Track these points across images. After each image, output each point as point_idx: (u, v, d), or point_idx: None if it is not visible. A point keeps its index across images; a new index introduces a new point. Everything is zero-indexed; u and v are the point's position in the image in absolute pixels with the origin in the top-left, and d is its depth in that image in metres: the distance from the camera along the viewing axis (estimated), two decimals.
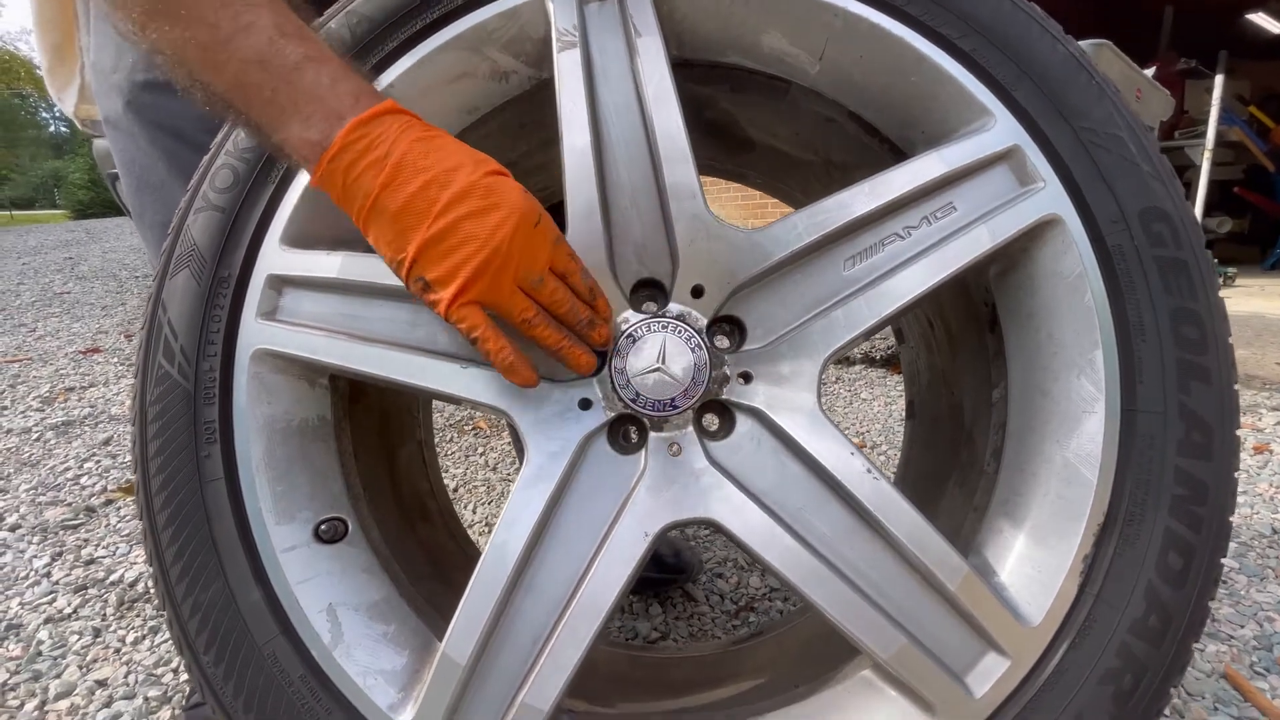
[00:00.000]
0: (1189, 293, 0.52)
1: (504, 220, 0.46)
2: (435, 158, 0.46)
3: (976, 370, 0.68)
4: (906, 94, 0.60)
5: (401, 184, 0.46)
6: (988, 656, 0.51)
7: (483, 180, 0.47)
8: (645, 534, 0.54)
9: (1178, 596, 0.49)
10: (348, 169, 0.46)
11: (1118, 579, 0.50)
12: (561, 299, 0.50)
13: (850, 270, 0.58)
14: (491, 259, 0.46)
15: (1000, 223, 0.55)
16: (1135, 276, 0.53)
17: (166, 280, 0.58)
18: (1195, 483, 0.50)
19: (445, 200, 0.46)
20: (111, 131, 0.77)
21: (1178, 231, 0.53)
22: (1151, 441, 0.51)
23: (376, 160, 0.46)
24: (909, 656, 0.50)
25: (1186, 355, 0.52)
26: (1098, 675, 0.49)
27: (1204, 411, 0.51)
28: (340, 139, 0.46)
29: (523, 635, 0.52)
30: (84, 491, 1.70)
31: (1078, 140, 0.55)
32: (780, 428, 0.55)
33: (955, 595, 0.50)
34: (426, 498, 0.85)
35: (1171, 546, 0.50)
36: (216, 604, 0.52)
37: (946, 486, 0.71)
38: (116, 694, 0.97)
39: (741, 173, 0.94)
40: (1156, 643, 0.49)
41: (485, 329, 0.48)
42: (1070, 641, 0.50)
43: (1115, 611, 0.49)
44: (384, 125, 0.47)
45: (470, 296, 0.47)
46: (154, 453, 0.55)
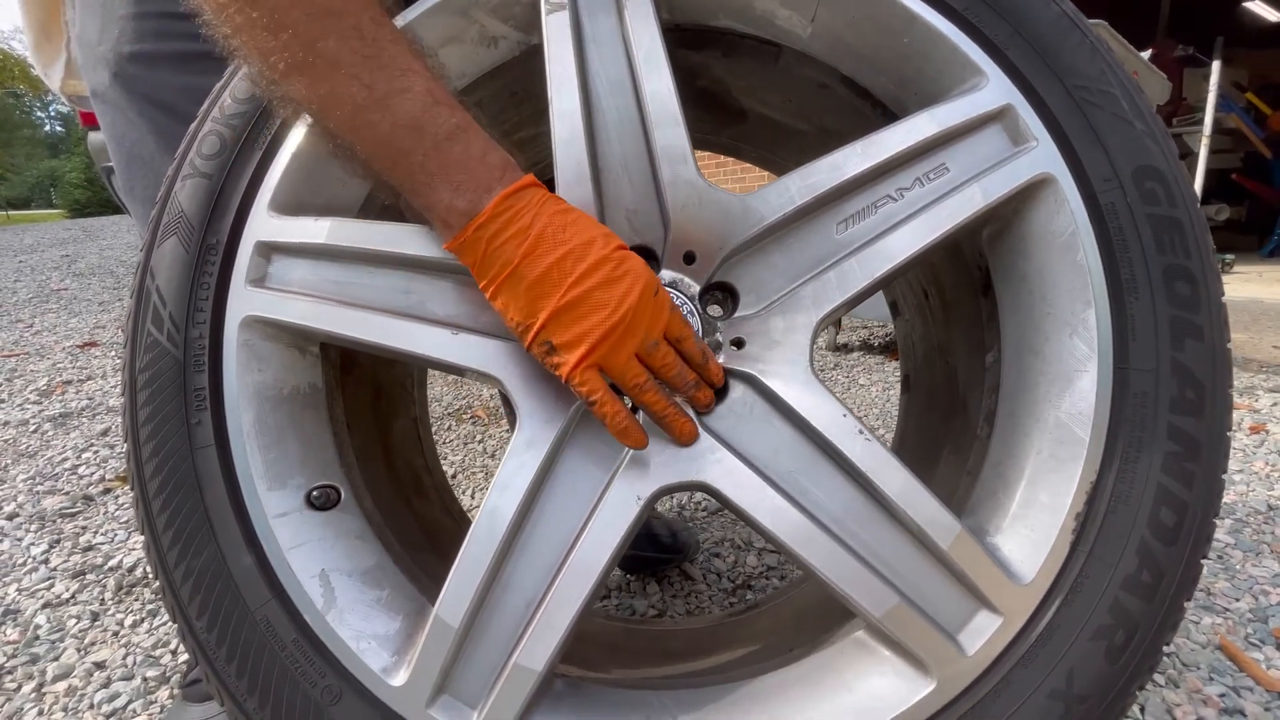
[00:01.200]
0: (1182, 250, 0.52)
1: (631, 288, 0.48)
2: (572, 231, 0.49)
3: (970, 336, 0.67)
4: (899, 55, 0.60)
5: (541, 255, 0.48)
6: (980, 614, 0.51)
7: (613, 254, 0.49)
8: (638, 498, 0.54)
9: (1170, 553, 0.49)
10: (492, 238, 0.48)
11: (1110, 536, 0.50)
12: (670, 363, 0.51)
13: (843, 234, 0.57)
14: (619, 324, 0.48)
15: (993, 182, 0.55)
16: (1128, 235, 0.53)
17: (154, 248, 0.57)
18: (1188, 439, 0.50)
19: (580, 272, 0.48)
20: (99, 105, 0.76)
21: (1171, 189, 0.53)
22: (1144, 399, 0.51)
23: (520, 231, 0.48)
24: (901, 615, 0.50)
25: (1179, 312, 0.51)
26: (1090, 631, 0.49)
27: (1197, 368, 0.51)
28: (490, 209, 0.48)
29: (516, 597, 0.52)
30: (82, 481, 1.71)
31: (1070, 98, 0.54)
32: (773, 392, 0.55)
33: (947, 554, 0.50)
34: (422, 473, 0.84)
35: (1164, 503, 0.50)
36: (209, 570, 0.52)
37: (941, 454, 0.71)
38: (115, 675, 0.98)
39: (736, 146, 0.93)
40: (1149, 599, 0.49)
41: (604, 393, 0.50)
42: (1063, 598, 0.50)
43: (1108, 568, 0.49)
44: (527, 199, 0.49)
45: (593, 360, 0.49)
46: (144, 420, 0.55)
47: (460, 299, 0.56)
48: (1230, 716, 0.83)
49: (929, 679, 0.50)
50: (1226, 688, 0.87)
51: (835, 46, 0.62)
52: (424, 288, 0.56)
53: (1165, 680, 0.89)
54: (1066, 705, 0.48)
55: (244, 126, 0.58)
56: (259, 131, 0.58)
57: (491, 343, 0.55)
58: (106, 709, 0.91)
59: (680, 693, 0.55)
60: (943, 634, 0.50)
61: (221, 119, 0.58)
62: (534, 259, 0.48)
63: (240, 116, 0.58)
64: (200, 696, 0.81)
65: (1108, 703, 0.48)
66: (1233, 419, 0.52)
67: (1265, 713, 0.83)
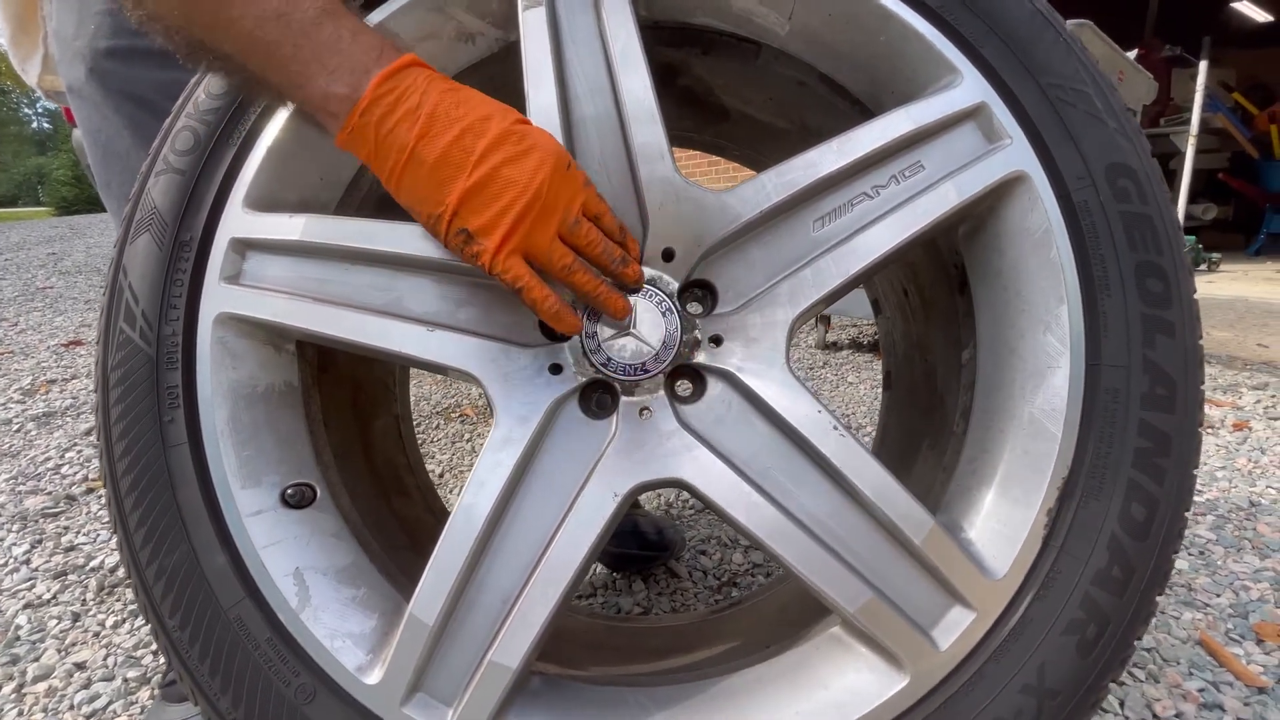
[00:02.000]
0: (1154, 247, 0.53)
1: (541, 163, 0.46)
2: (466, 108, 0.46)
3: (948, 333, 0.68)
4: (875, 53, 0.60)
5: (438, 134, 0.45)
6: (954, 610, 0.51)
7: (515, 127, 0.47)
8: (615, 495, 0.54)
9: (1141, 548, 0.50)
10: (380, 122, 0.45)
11: (1082, 531, 0.50)
12: (595, 239, 0.49)
13: (819, 231, 0.57)
14: (533, 203, 0.46)
15: (968, 180, 0.55)
16: (1100, 232, 0.53)
17: (127, 245, 0.57)
18: (1159, 435, 0.51)
19: (482, 148, 0.45)
20: (75, 100, 0.76)
21: (1142, 186, 0.53)
22: (1116, 395, 0.51)
23: (409, 112, 0.45)
24: (875, 610, 0.50)
25: (1151, 309, 0.52)
26: (1061, 626, 0.49)
27: (1168, 365, 0.51)
28: (370, 92, 0.45)
29: (492, 595, 0.52)
30: (65, 480, 1.69)
31: (1044, 96, 0.55)
32: (750, 389, 0.55)
33: (921, 549, 0.50)
34: (403, 472, 0.84)
35: (1135, 498, 0.50)
36: (181, 568, 0.52)
37: (920, 450, 0.71)
38: (95, 676, 0.97)
39: (719, 144, 0.93)
40: (1119, 593, 0.49)
41: (529, 278, 0.48)
42: (1035, 593, 0.50)
43: (1079, 563, 0.50)
44: (411, 77, 0.46)
45: (514, 244, 0.47)
46: (116, 418, 0.54)
47: (437, 295, 0.56)
48: (1210, 711, 0.83)
49: (903, 674, 0.50)
50: (1206, 683, 0.88)
51: (813, 44, 0.62)
52: (400, 284, 0.56)
53: (1145, 675, 0.90)
54: (1039, 700, 0.49)
55: (218, 122, 0.57)
56: (234, 127, 0.57)
57: (468, 340, 0.55)
58: (87, 710, 0.90)
59: (656, 689, 0.55)
60: (916, 629, 0.50)
61: (196, 114, 0.58)
62: (430, 139, 0.45)
63: (214, 112, 0.57)
64: (179, 697, 0.81)
65: (1079, 697, 0.49)
66: (1204, 415, 0.52)
67: (1245, 707, 0.84)
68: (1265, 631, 0.97)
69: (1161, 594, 0.51)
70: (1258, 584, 1.10)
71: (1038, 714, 0.48)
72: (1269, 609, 1.03)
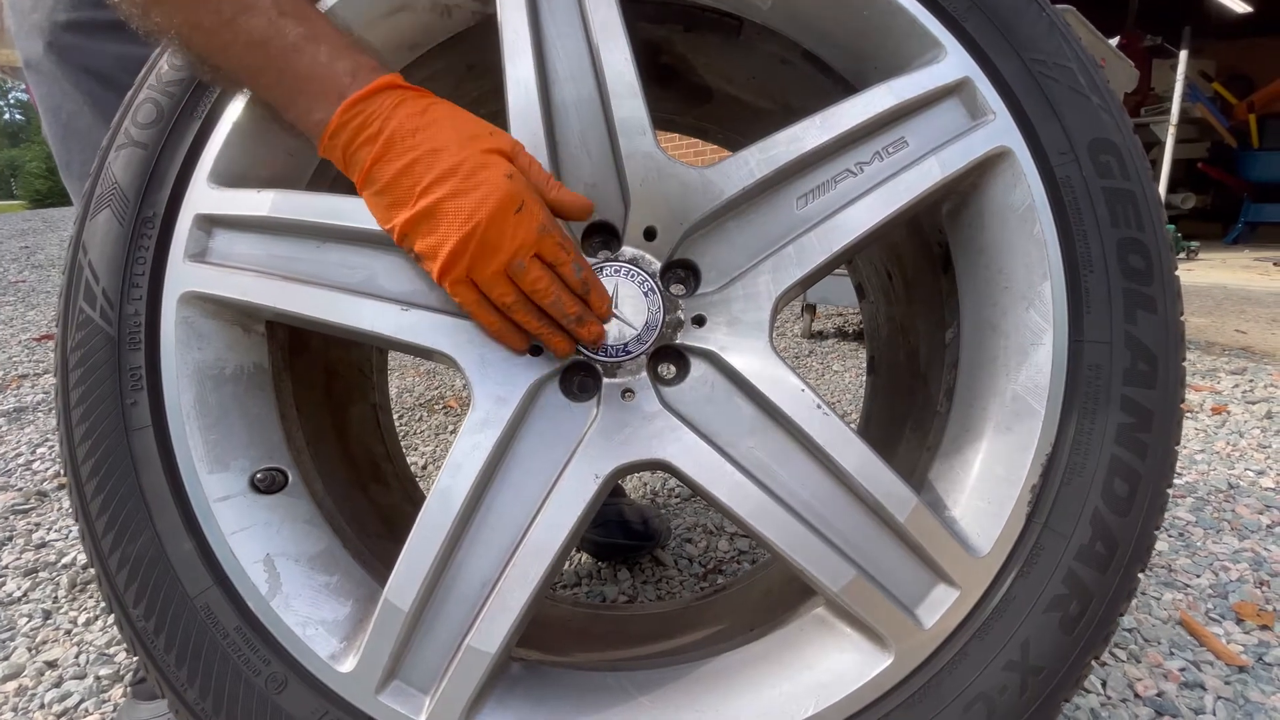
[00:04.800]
0: (1135, 223, 0.52)
1: (484, 200, 0.46)
2: (424, 136, 0.47)
3: (931, 313, 0.67)
4: (858, 29, 0.59)
5: (389, 161, 0.47)
6: (938, 588, 0.50)
7: (467, 161, 0.47)
8: (595, 477, 0.53)
9: (1124, 523, 0.50)
10: (346, 146, 0.48)
11: (1065, 507, 0.50)
12: (543, 288, 0.49)
13: (802, 208, 0.56)
14: (470, 238, 0.47)
15: (951, 155, 0.54)
16: (1083, 208, 0.53)
17: (87, 221, 0.55)
18: (1141, 410, 0.50)
19: (428, 181, 0.47)
20: (32, 76, 0.73)
21: (1125, 162, 0.53)
22: (1098, 371, 0.51)
23: (370, 138, 0.47)
24: (859, 589, 0.50)
25: (1133, 285, 0.52)
26: (1045, 602, 0.49)
27: (1149, 340, 0.51)
28: (336, 118, 0.47)
29: (469, 579, 0.51)
30: (36, 477, 1.64)
31: (1027, 72, 0.54)
32: (733, 369, 0.54)
33: (904, 527, 0.50)
34: (381, 461, 0.82)
35: (1117, 474, 0.50)
36: (145, 556, 0.50)
37: (903, 430, 0.71)
38: (67, 674, 0.94)
39: (702, 127, 0.92)
40: (1103, 569, 0.49)
41: (475, 305, 0.50)
42: (1018, 570, 0.50)
43: (1062, 539, 0.49)
44: (379, 103, 0.48)
45: (455, 275, 0.48)
46: (75, 401, 0.52)
47: (411, 274, 0.54)
48: (1191, 690, 0.84)
49: (887, 653, 0.50)
50: (1187, 662, 0.89)
51: (795, 19, 0.61)
52: (373, 262, 0.55)
53: (1127, 655, 0.90)
54: (1022, 676, 0.48)
55: (182, 94, 0.55)
56: (198, 100, 0.55)
57: (443, 319, 0.54)
58: (58, 708, 0.87)
59: (638, 673, 0.54)
60: (900, 607, 0.50)
61: (158, 86, 0.55)
62: (381, 165, 0.47)
63: (178, 84, 0.55)
64: (150, 694, 0.78)
65: (1063, 673, 0.49)
66: (1185, 391, 0.52)
67: (1225, 686, 0.85)
68: (1245, 611, 0.99)
69: (1144, 570, 0.51)
70: (1237, 565, 1.11)
71: (1021, 691, 0.48)
72: (1248, 589, 1.04)
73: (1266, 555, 1.14)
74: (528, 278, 0.49)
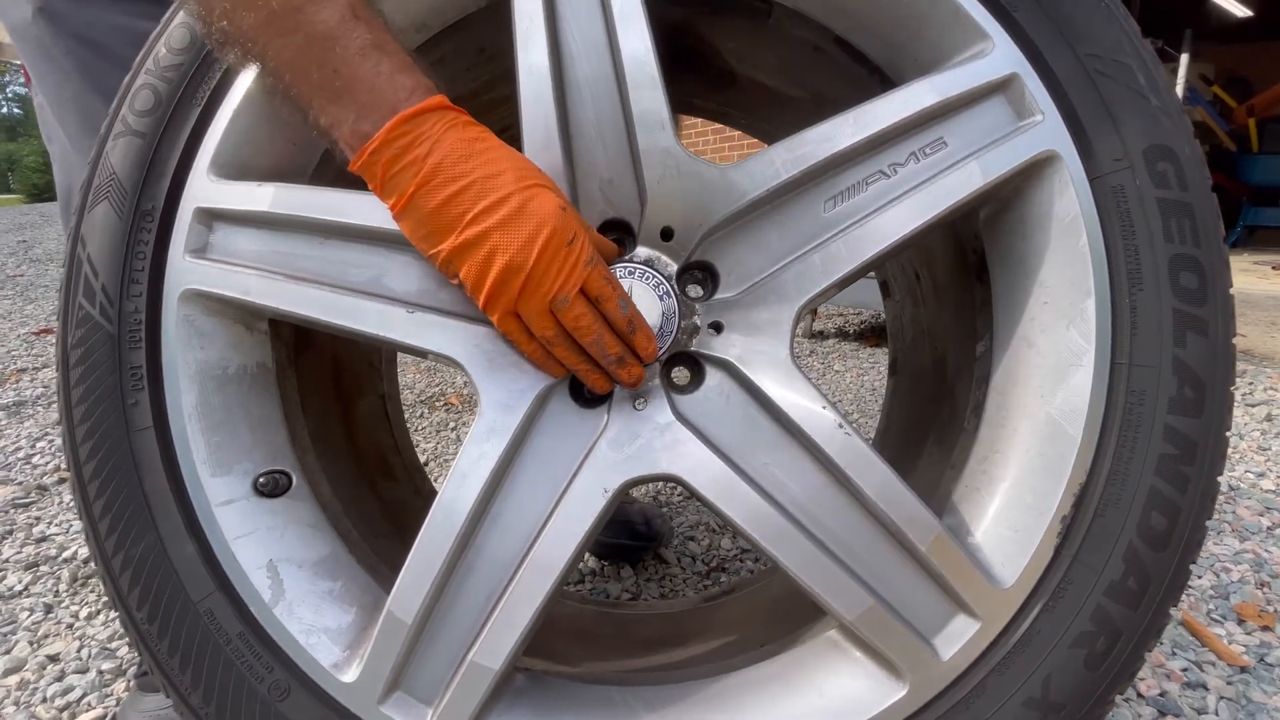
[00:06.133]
0: (1191, 239, 0.49)
1: (534, 234, 0.44)
2: (475, 164, 0.45)
3: (961, 322, 0.64)
4: (897, 16, 0.55)
5: (437, 188, 0.45)
6: (957, 618, 0.49)
7: (517, 192, 0.45)
8: (605, 490, 0.51)
9: (1159, 559, 0.47)
10: (388, 165, 0.45)
11: (1097, 540, 0.47)
12: (586, 326, 0.47)
13: (830, 212, 0.53)
14: (516, 274, 0.45)
15: (994, 159, 0.50)
16: (1135, 220, 0.49)
17: (85, 213, 0.53)
18: (1185, 441, 0.47)
19: (478, 210, 0.45)
20: (20, 43, 0.70)
21: (1184, 171, 0.49)
22: (1141, 398, 0.48)
23: (415, 161, 0.45)
24: (876, 618, 0.48)
25: (1184, 306, 0.48)
26: (1070, 639, 0.47)
27: (1198, 366, 0.48)
28: (383, 134, 0.45)
29: (474, 593, 0.49)
30: (36, 471, 1.63)
31: (1082, 68, 0.50)
32: (751, 381, 0.52)
33: (926, 556, 0.48)
34: (390, 453, 0.81)
35: (1155, 507, 0.47)
36: (148, 559, 0.50)
37: (925, 444, 0.68)
38: (69, 668, 0.94)
39: (724, 111, 0.88)
40: (1133, 605, 0.47)
41: (518, 335, 0.48)
42: (1044, 604, 0.48)
43: (1092, 574, 0.47)
44: (429, 124, 0.45)
45: (501, 307, 0.47)
46: (77, 400, 0.51)
47: (418, 274, 0.52)
48: (1194, 690, 0.85)
49: (901, 683, 0.48)
50: (1189, 662, 0.89)
51: (829, 4, 0.57)
52: (378, 261, 0.52)
53: None
54: (1042, 714, 0.47)
55: (181, 79, 0.53)
56: (197, 85, 0.53)
57: (451, 322, 0.52)
58: (60, 702, 0.87)
59: (645, 689, 0.53)
60: (917, 637, 0.48)
61: (156, 71, 0.53)
62: (428, 191, 0.45)
63: (176, 69, 0.53)
64: (154, 686, 0.79)
65: (1084, 711, 0.47)
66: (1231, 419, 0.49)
67: (1227, 686, 0.85)
68: (1246, 612, 0.99)
69: (1176, 605, 0.49)
70: (1238, 566, 1.11)
71: None
72: (1249, 590, 1.05)
73: (1267, 557, 1.14)
74: (570, 314, 0.47)
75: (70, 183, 0.74)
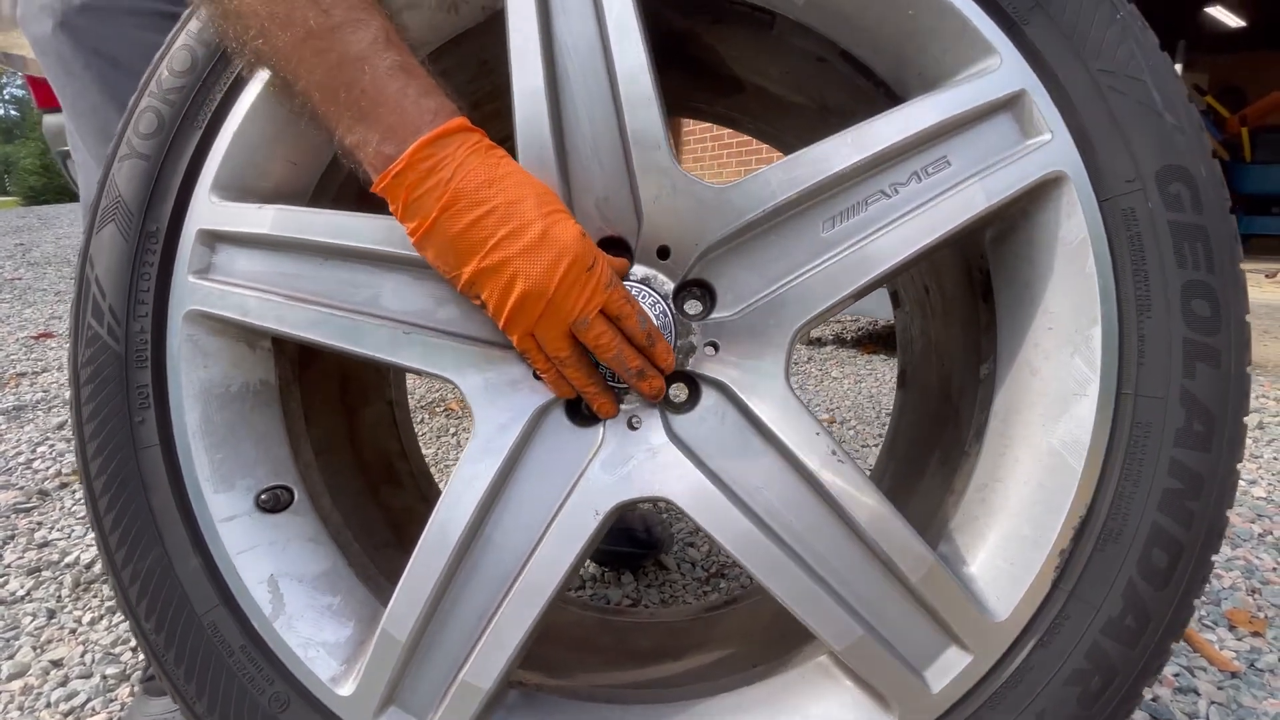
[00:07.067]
0: (1205, 264, 0.47)
1: (556, 261, 0.45)
2: (497, 189, 0.46)
3: (967, 340, 0.63)
4: (903, 30, 0.53)
5: (460, 212, 0.46)
6: (949, 650, 0.48)
7: (540, 218, 0.46)
8: (596, 513, 0.51)
9: (1159, 597, 0.46)
10: (411, 188, 0.46)
11: (1096, 576, 0.46)
12: (606, 344, 0.48)
13: (829, 232, 0.52)
14: (538, 300, 0.46)
15: (999, 180, 0.49)
16: (1146, 245, 0.47)
17: (94, 235, 0.54)
18: (1191, 475, 0.46)
19: (501, 235, 0.45)
20: (41, 58, 0.72)
21: (1198, 194, 0.47)
22: (1147, 430, 0.46)
23: (438, 184, 0.46)
24: (866, 649, 0.47)
25: (1195, 335, 0.46)
26: (1064, 676, 0.46)
27: (1208, 398, 0.46)
28: (407, 157, 0.45)
29: (466, 614, 0.50)
30: (37, 475, 1.62)
31: (1093, 85, 0.48)
32: (744, 403, 0.51)
33: (918, 587, 0.47)
34: (396, 459, 0.83)
35: (1157, 543, 0.46)
36: (155, 572, 0.51)
37: (930, 463, 0.67)
38: (73, 673, 0.93)
39: (732, 116, 0.86)
40: (1131, 644, 0.46)
41: (534, 354, 0.49)
42: (1038, 639, 0.47)
43: (1089, 610, 0.46)
44: (453, 146, 0.46)
45: (521, 330, 0.47)
46: (88, 417, 0.53)
47: (414, 294, 0.53)
48: (1186, 695, 0.85)
49: (889, 714, 0.48)
50: (1181, 668, 0.89)
51: (832, 16, 0.56)
52: (376, 281, 0.53)
53: None
54: None
55: (182, 102, 0.53)
56: (198, 108, 0.54)
57: (447, 342, 0.52)
58: (64, 707, 0.87)
59: (634, 706, 0.54)
60: (908, 669, 0.48)
61: (159, 94, 0.54)
62: (452, 215, 0.45)
63: (178, 91, 0.53)
64: (161, 690, 0.80)
65: None
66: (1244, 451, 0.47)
67: (1219, 691, 0.85)
68: (1237, 618, 1.00)
69: (1177, 641, 0.48)
70: (1229, 572, 1.11)
71: None
72: (1240, 596, 1.05)
73: (1258, 563, 1.13)
74: (591, 333, 0.47)
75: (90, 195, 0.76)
